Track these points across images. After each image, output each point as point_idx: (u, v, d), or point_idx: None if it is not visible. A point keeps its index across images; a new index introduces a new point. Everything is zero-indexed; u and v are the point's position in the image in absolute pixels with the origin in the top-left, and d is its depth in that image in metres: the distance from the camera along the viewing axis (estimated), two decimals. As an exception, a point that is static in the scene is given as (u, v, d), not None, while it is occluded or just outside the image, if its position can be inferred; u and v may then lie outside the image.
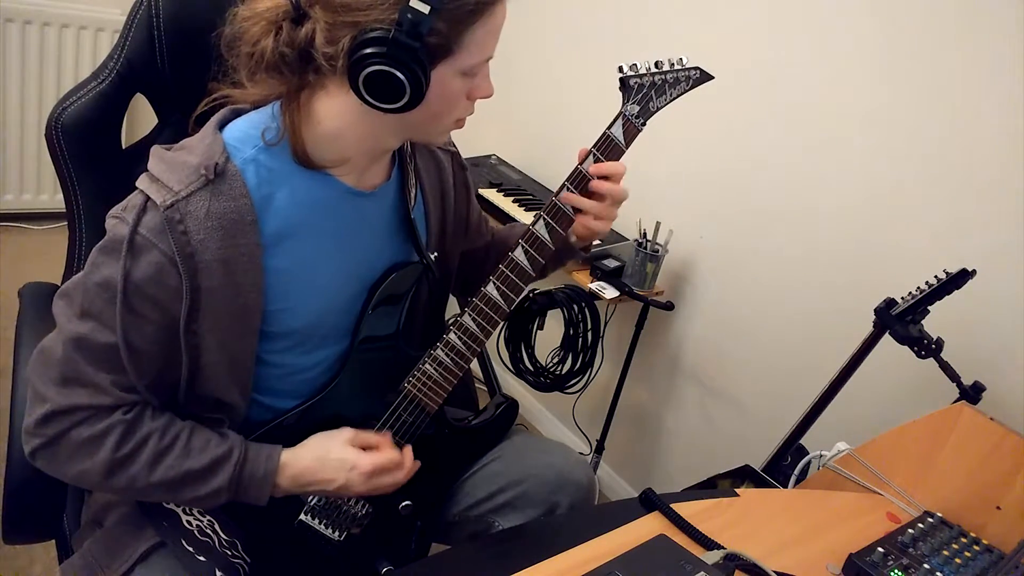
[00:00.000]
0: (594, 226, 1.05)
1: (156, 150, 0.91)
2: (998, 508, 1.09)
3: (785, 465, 1.53)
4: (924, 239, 1.54)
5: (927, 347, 1.36)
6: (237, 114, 0.94)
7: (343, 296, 1.01)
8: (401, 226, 1.05)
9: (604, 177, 1.01)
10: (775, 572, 0.92)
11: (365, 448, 1.00)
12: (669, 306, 1.95)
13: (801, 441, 1.54)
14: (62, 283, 1.13)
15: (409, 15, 0.79)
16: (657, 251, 1.90)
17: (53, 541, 1.09)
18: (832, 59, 1.66)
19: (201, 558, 0.93)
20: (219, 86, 0.94)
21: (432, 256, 1.09)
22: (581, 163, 1.01)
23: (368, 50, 0.81)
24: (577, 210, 1.02)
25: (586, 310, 1.95)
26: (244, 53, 0.88)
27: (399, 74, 0.81)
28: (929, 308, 1.37)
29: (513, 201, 2.13)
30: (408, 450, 1.05)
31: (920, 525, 1.06)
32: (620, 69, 1.00)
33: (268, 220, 0.90)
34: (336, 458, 0.97)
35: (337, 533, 1.06)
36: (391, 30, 0.80)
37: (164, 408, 0.93)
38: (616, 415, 2.10)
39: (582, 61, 2.25)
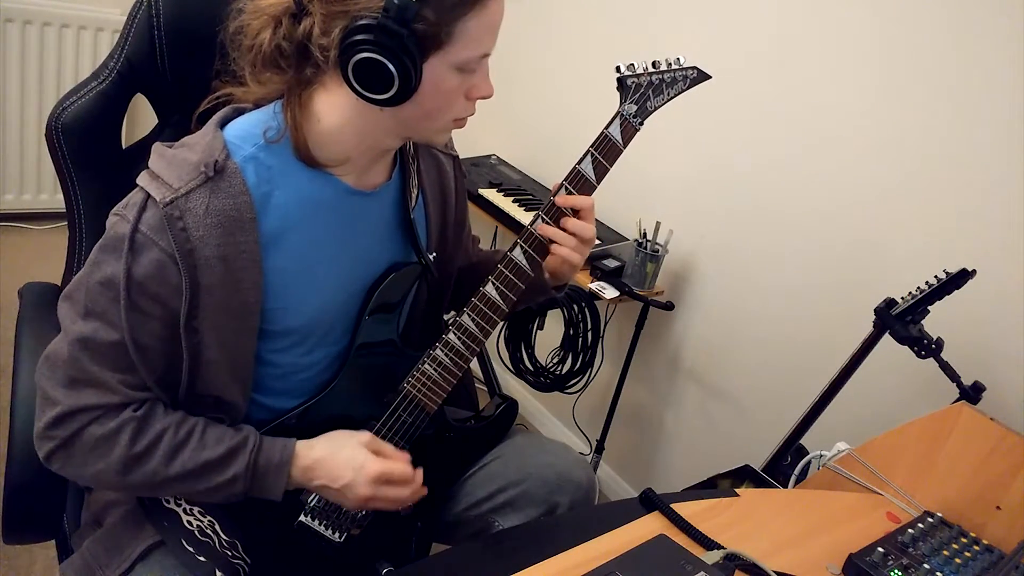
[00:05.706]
0: (565, 256, 1.02)
1: (157, 147, 0.91)
2: (998, 508, 1.09)
3: (785, 465, 1.53)
4: (924, 239, 1.54)
5: (927, 347, 1.36)
6: (239, 112, 0.94)
7: (342, 295, 1.01)
8: (401, 226, 1.05)
9: (574, 212, 1.01)
10: (775, 572, 0.92)
11: (378, 455, 1.00)
12: (669, 306, 1.95)
13: (801, 441, 1.54)
14: (62, 283, 1.13)
15: (396, 1, 0.79)
16: (657, 251, 1.90)
17: (53, 541, 1.09)
18: (832, 59, 1.66)
19: (201, 558, 0.93)
20: (221, 85, 0.94)
21: (431, 257, 1.09)
22: (554, 195, 1.01)
23: (356, 37, 0.81)
24: (552, 241, 1.01)
25: (586, 310, 1.96)
26: (245, 46, 0.89)
27: (386, 62, 0.81)
28: (929, 308, 1.37)
29: (513, 201, 2.13)
30: (418, 473, 1.04)
31: (920, 525, 1.05)
32: (617, 69, 1.00)
33: (267, 218, 0.90)
34: (347, 455, 0.97)
35: (337, 534, 1.06)
36: (379, 17, 0.80)
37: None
38: (616, 415, 2.10)
39: (582, 61, 2.25)
